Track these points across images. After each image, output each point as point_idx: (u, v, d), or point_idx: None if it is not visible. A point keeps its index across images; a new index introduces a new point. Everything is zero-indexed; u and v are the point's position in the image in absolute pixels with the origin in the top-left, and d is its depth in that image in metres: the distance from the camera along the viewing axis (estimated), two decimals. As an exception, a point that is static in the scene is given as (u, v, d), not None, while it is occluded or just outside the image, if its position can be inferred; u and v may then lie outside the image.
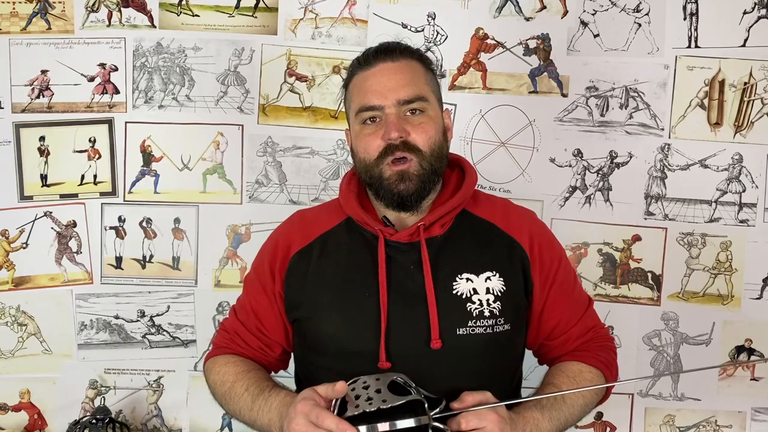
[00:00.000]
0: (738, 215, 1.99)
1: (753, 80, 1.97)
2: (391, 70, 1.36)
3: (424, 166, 1.34)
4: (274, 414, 1.27)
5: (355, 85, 1.40)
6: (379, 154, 1.34)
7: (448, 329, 1.30)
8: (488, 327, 1.32)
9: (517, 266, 1.39)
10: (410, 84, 1.35)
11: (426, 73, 1.40)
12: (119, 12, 1.98)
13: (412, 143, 1.33)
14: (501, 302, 1.34)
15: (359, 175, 1.42)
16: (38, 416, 2.04)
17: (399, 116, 1.34)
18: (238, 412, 1.37)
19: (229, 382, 1.39)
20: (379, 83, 1.35)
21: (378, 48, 1.39)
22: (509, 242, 1.40)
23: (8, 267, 2.01)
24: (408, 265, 1.35)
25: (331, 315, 1.35)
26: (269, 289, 1.43)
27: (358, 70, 1.40)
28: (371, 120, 1.36)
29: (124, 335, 2.04)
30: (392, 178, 1.33)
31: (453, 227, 1.39)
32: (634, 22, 1.97)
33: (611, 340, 1.50)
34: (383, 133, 1.33)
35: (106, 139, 2.00)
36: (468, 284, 1.34)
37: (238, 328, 1.47)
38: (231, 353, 1.46)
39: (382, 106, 1.34)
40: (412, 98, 1.34)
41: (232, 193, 2.03)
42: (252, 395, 1.33)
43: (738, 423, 2.04)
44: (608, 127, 2.00)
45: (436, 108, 1.40)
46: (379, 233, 1.36)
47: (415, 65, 1.39)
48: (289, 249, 1.43)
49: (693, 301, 2.01)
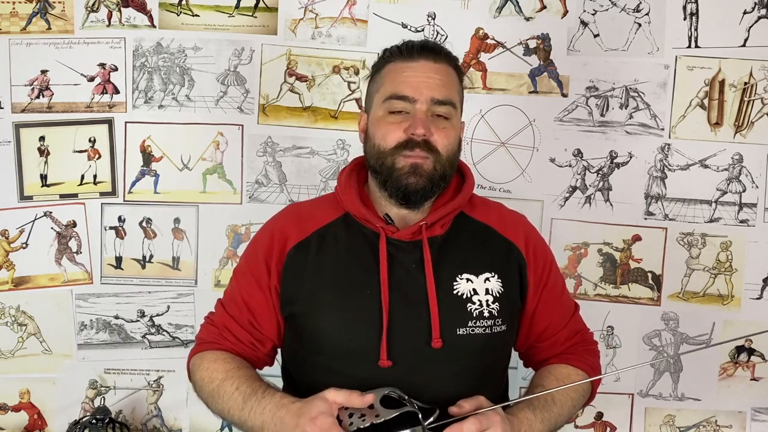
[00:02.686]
0: (738, 215, 1.99)
1: (753, 80, 1.97)
2: (431, 69, 1.36)
3: (437, 168, 1.34)
4: (267, 417, 1.25)
5: (390, 71, 1.39)
6: (397, 145, 1.34)
7: (448, 329, 1.31)
8: (487, 327, 1.33)
9: (514, 268, 1.41)
10: (446, 87, 1.37)
11: (458, 84, 1.42)
12: (119, 12, 1.98)
13: (433, 144, 1.34)
14: (499, 303, 1.35)
15: (367, 160, 1.41)
16: (38, 416, 2.04)
17: (428, 115, 1.34)
18: (226, 411, 1.33)
19: (218, 380, 1.35)
20: (417, 77, 1.35)
21: (423, 44, 1.39)
22: (506, 244, 1.42)
23: (8, 267, 2.01)
24: (409, 263, 1.35)
25: (330, 312, 1.34)
26: (264, 283, 1.40)
27: (397, 59, 1.39)
28: (398, 111, 1.35)
29: (124, 335, 2.04)
30: (404, 170, 1.33)
31: (452, 228, 1.40)
32: (634, 22, 1.97)
33: (595, 344, 1.53)
34: (408, 126, 1.33)
35: (106, 139, 2.00)
36: (468, 285, 1.35)
37: (228, 323, 1.43)
38: (219, 349, 1.41)
39: (415, 100, 1.34)
40: (445, 101, 1.35)
41: (232, 193, 2.03)
42: (243, 395, 1.30)
43: (738, 423, 2.04)
44: (608, 127, 2.00)
45: (459, 118, 1.42)
46: (380, 231, 1.36)
47: (452, 73, 1.40)
48: (286, 242, 1.40)
49: (693, 301, 2.01)
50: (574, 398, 1.41)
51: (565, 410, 1.39)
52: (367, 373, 1.28)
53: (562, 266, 1.95)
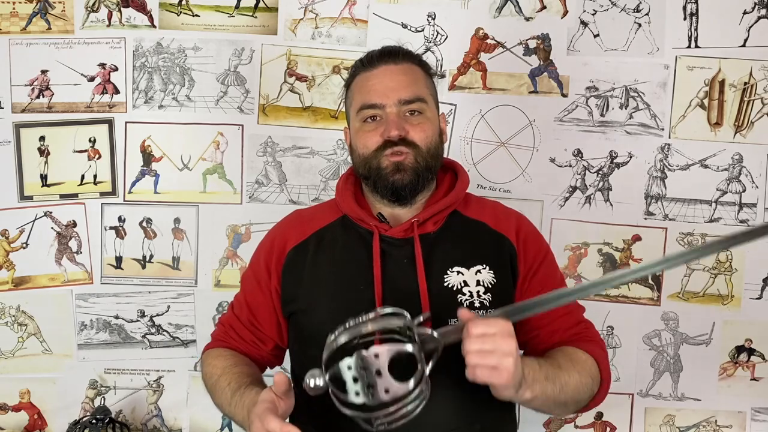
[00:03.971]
0: (738, 215, 1.99)
1: (753, 80, 1.97)
2: (393, 71, 1.42)
3: (419, 161, 1.39)
4: (245, 412, 1.28)
5: (357, 84, 1.46)
6: (378, 147, 1.40)
7: (440, 320, 1.29)
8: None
9: (506, 259, 1.42)
10: (411, 85, 1.42)
11: (425, 77, 1.47)
12: (119, 12, 1.98)
13: (410, 139, 1.39)
14: (492, 294, 1.37)
15: (356, 171, 1.47)
16: (38, 416, 2.04)
17: (399, 115, 1.39)
18: (221, 405, 1.41)
19: (216, 376, 1.42)
20: (381, 83, 1.41)
21: (381, 51, 1.45)
22: (498, 238, 1.44)
23: (8, 267, 2.01)
24: (402, 259, 1.38)
25: (325, 306, 1.38)
26: (264, 285, 1.47)
27: (360, 71, 1.45)
28: (372, 119, 1.41)
29: (124, 335, 2.04)
30: (389, 168, 1.39)
31: (445, 226, 1.44)
32: (634, 22, 1.97)
33: (598, 335, 1.46)
34: (383, 130, 1.39)
35: (106, 139, 2.00)
36: (458, 277, 1.37)
37: (233, 322, 1.51)
38: (225, 346, 1.50)
39: (383, 105, 1.40)
40: (413, 98, 1.40)
41: (232, 193, 2.03)
42: (231, 390, 1.36)
43: (738, 423, 2.04)
44: (608, 127, 2.00)
45: (434, 110, 1.46)
46: (374, 229, 1.41)
47: (415, 69, 1.45)
48: (285, 245, 1.47)
49: (693, 301, 2.01)
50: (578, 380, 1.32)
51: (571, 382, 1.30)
52: None
53: (562, 266, 1.95)
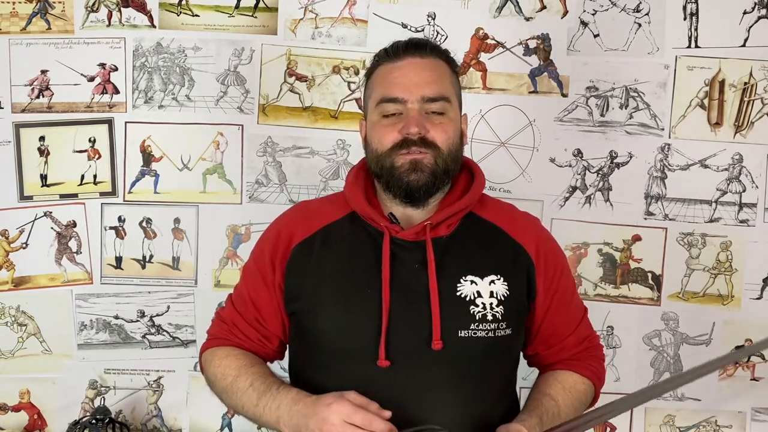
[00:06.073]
0: (738, 215, 1.99)
1: (753, 80, 1.97)
2: (419, 65, 1.34)
3: (438, 162, 1.32)
4: (283, 411, 1.25)
5: (379, 75, 1.38)
6: (393, 146, 1.32)
7: (449, 331, 1.29)
8: (490, 331, 1.30)
9: (522, 271, 1.37)
10: (436, 82, 1.34)
11: (451, 75, 1.39)
12: (119, 12, 1.98)
13: (430, 140, 1.32)
14: (504, 306, 1.32)
15: (369, 167, 1.39)
16: (38, 416, 2.04)
17: (421, 113, 1.32)
18: (240, 407, 1.35)
19: (231, 376, 1.36)
20: (405, 77, 1.33)
21: (408, 42, 1.37)
22: (514, 246, 1.39)
23: (8, 267, 2.00)
24: (412, 263, 1.33)
25: (329, 309, 1.33)
26: (269, 280, 1.40)
27: (384, 61, 1.37)
28: (391, 114, 1.34)
29: (124, 335, 2.04)
30: (404, 167, 1.31)
31: (459, 228, 1.37)
32: (634, 22, 1.97)
33: (601, 348, 1.51)
34: (402, 126, 1.31)
35: (106, 139, 2.00)
36: (472, 287, 1.32)
37: (236, 320, 1.43)
38: (230, 345, 1.43)
39: (405, 100, 1.32)
40: (437, 97, 1.33)
41: (232, 193, 2.03)
42: (258, 392, 1.31)
43: (738, 423, 2.04)
44: (608, 127, 2.00)
45: (457, 111, 1.38)
46: (384, 230, 1.34)
47: (442, 65, 1.37)
48: (291, 240, 1.39)
49: (693, 301, 2.01)
50: (578, 408, 1.40)
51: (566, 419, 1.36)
52: (365, 372, 1.27)
53: (562, 266, 1.95)
